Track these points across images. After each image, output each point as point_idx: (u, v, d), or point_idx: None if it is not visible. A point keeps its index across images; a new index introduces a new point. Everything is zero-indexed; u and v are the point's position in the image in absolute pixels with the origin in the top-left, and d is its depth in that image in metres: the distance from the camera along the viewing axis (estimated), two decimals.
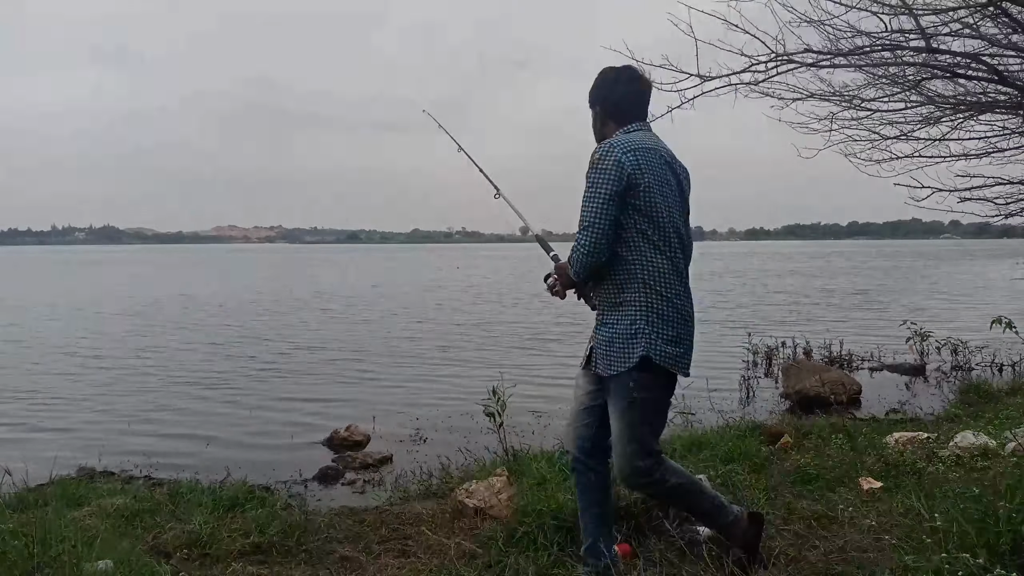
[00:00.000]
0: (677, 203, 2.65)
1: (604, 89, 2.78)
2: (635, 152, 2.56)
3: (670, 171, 2.64)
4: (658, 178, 2.58)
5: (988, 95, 5.77)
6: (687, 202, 2.74)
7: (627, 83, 2.76)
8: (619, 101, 2.74)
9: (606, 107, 2.77)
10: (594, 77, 2.81)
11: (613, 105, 2.76)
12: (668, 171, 2.64)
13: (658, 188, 2.57)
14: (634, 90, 2.76)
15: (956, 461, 4.08)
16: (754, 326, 12.84)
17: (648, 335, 2.55)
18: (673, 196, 2.63)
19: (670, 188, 2.62)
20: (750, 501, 3.65)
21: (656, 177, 2.57)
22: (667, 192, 2.61)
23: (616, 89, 2.75)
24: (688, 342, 2.66)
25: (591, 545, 2.79)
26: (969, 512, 2.54)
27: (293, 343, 13.01)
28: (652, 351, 2.54)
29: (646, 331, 2.55)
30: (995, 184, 6.61)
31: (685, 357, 2.65)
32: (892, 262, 51.43)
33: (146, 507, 4.00)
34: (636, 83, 2.76)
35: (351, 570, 3.21)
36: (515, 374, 8.89)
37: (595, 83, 2.80)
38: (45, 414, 7.77)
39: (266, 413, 7.70)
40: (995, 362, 9.33)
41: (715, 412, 6.92)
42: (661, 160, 2.62)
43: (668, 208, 2.60)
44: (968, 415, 5.82)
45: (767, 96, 5.41)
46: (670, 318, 2.58)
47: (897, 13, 4.46)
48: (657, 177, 2.58)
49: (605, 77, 2.79)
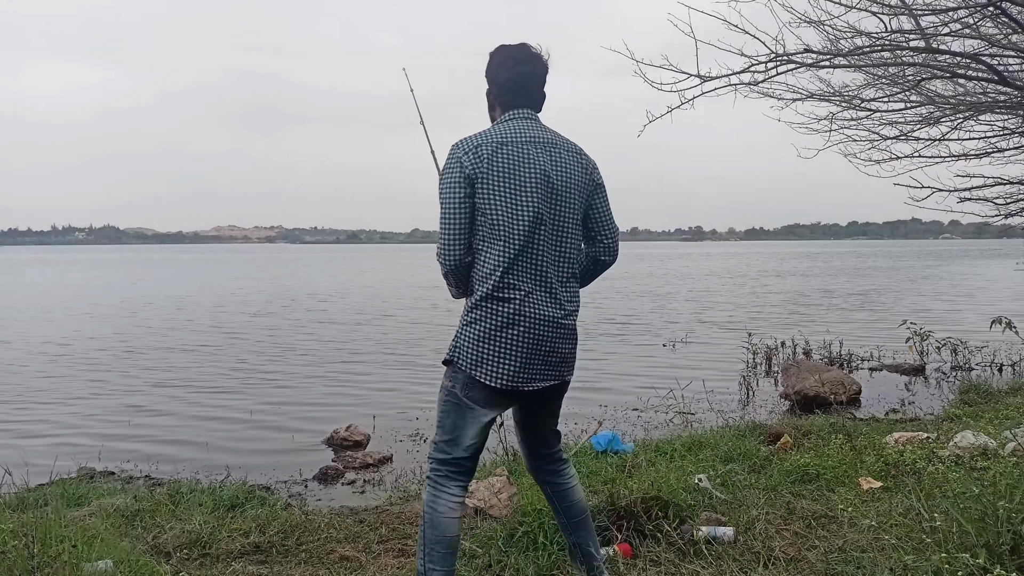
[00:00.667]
0: (543, 200, 2.37)
1: (491, 71, 2.55)
2: (482, 148, 2.37)
3: (535, 165, 2.38)
4: (509, 174, 2.35)
5: (988, 95, 5.77)
6: (576, 198, 2.45)
7: (513, 66, 2.51)
8: (503, 84, 2.52)
9: (492, 91, 2.56)
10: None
11: (498, 88, 2.54)
12: (530, 165, 2.38)
13: (506, 185, 2.34)
14: (521, 73, 2.50)
15: (956, 461, 4.08)
16: (754, 326, 12.85)
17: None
18: (533, 192, 2.36)
19: (528, 184, 2.36)
20: (750, 501, 3.66)
21: (505, 174, 2.35)
22: (522, 189, 2.35)
23: (501, 72, 2.52)
24: (527, 351, 2.38)
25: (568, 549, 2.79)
26: (969, 512, 2.54)
27: (293, 343, 13.01)
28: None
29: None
30: (995, 184, 6.63)
31: (524, 370, 2.39)
32: (892, 262, 51.45)
33: (146, 507, 4.00)
34: (524, 66, 2.50)
35: (351, 570, 3.21)
36: None
37: (487, 64, 2.58)
38: (45, 414, 7.77)
39: (266, 413, 7.70)
40: (995, 362, 9.34)
41: (715, 412, 6.93)
42: (524, 154, 2.38)
43: (520, 207, 2.34)
44: (968, 415, 5.82)
45: (767, 96, 5.42)
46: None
47: (897, 13, 4.47)
48: (507, 174, 2.35)
49: (492, 58, 2.56)
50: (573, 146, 2.52)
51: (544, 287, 2.39)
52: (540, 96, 2.57)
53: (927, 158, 6.57)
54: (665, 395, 7.25)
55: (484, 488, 3.87)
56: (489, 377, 2.36)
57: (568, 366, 2.51)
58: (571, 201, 2.44)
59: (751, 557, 2.97)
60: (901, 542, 2.77)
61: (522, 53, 2.52)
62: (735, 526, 3.27)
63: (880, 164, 6.46)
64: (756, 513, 3.42)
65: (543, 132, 2.49)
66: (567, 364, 2.50)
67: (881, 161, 6.47)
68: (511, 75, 2.51)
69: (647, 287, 27.70)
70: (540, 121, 2.53)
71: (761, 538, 3.13)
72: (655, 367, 10.09)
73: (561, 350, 2.44)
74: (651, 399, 7.66)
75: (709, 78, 4.53)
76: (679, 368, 9.65)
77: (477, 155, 2.37)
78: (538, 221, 2.37)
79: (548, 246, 2.39)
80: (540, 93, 2.56)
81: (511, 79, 2.51)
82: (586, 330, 14.29)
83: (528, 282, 2.37)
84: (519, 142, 2.41)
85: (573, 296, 2.50)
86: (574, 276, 2.51)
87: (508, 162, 2.37)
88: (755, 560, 2.93)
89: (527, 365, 2.37)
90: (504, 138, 2.41)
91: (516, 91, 2.51)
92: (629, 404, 7.61)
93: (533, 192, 2.37)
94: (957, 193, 6.39)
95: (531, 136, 2.44)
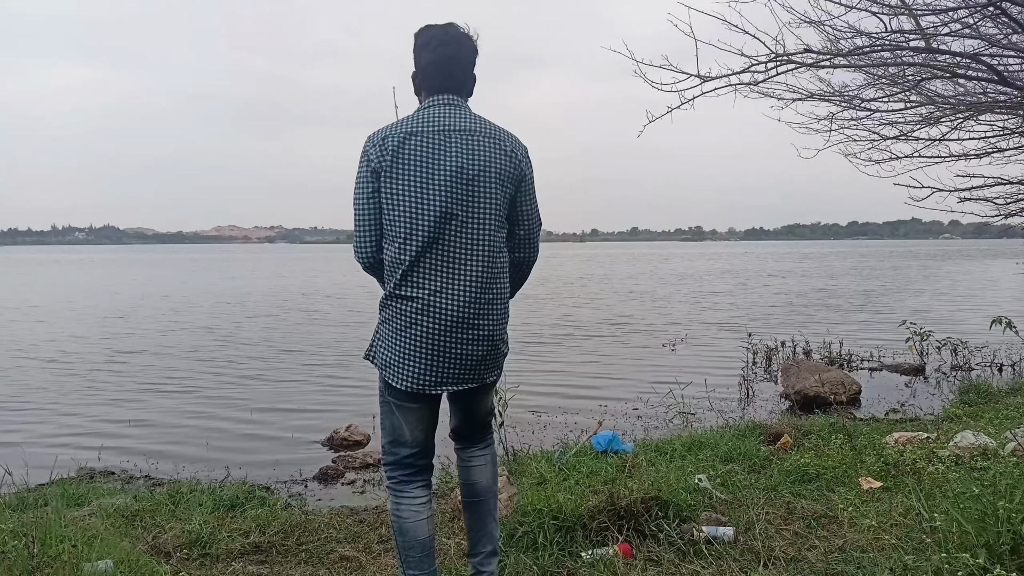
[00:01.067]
0: (453, 194, 2.23)
1: (414, 54, 2.40)
2: (388, 140, 2.25)
3: (447, 156, 2.24)
4: (415, 167, 2.23)
5: (988, 95, 5.77)
6: (496, 190, 2.28)
7: (436, 47, 2.34)
8: (426, 67, 2.36)
9: (416, 75, 2.41)
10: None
11: (421, 72, 2.38)
12: (441, 157, 2.24)
13: (410, 178, 2.22)
14: (444, 55, 2.34)
15: (956, 461, 4.08)
16: (754, 326, 12.86)
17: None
18: (442, 186, 2.22)
19: (436, 177, 2.22)
20: (750, 501, 3.66)
21: (411, 166, 2.23)
22: (429, 182, 2.22)
23: (424, 54, 2.36)
24: (431, 351, 2.27)
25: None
26: (969, 512, 2.54)
27: (293, 343, 13.00)
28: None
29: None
30: (995, 184, 6.63)
31: (430, 372, 2.30)
32: (892, 262, 51.45)
33: (146, 507, 4.00)
34: (447, 47, 2.34)
35: (351, 570, 3.22)
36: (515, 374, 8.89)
37: (413, 45, 2.43)
38: (45, 414, 7.77)
39: (266, 413, 7.70)
40: (995, 362, 9.34)
41: (715, 412, 6.94)
42: (434, 145, 2.25)
43: (425, 201, 2.22)
44: (968, 415, 5.82)
45: (767, 96, 5.42)
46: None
47: (897, 13, 4.47)
48: (413, 166, 2.23)
49: (416, 39, 2.40)
50: (499, 133, 2.34)
51: (455, 285, 2.23)
52: (467, 79, 2.40)
53: (927, 158, 6.57)
54: (665, 395, 7.25)
55: None
56: (395, 378, 2.28)
57: (487, 369, 2.35)
58: (489, 194, 2.27)
59: (751, 557, 2.97)
60: (901, 542, 2.77)
61: (446, 34, 2.36)
62: (735, 526, 3.27)
63: (880, 164, 6.46)
64: (756, 513, 3.42)
65: (462, 120, 2.31)
66: (485, 367, 2.34)
67: (881, 161, 6.47)
68: (434, 57, 2.34)
69: (647, 287, 27.71)
70: (464, 107, 2.36)
71: (761, 538, 3.13)
72: (655, 367, 10.09)
73: (476, 352, 2.28)
74: (651, 399, 7.67)
75: (709, 78, 4.53)
76: (679, 368, 9.65)
77: (383, 147, 2.25)
78: (447, 216, 2.22)
79: (461, 242, 2.24)
80: (467, 76, 2.39)
81: (434, 62, 2.34)
82: (586, 330, 14.30)
83: (436, 280, 2.22)
84: (431, 131, 2.26)
85: (496, 296, 2.31)
86: (498, 274, 2.32)
87: (416, 154, 2.23)
88: (755, 560, 2.93)
89: (433, 367, 2.25)
90: (416, 127, 2.27)
91: (439, 75, 2.34)
92: (629, 404, 7.61)
93: (441, 185, 2.22)
94: (957, 193, 6.39)
95: (446, 124, 2.28)
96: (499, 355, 2.39)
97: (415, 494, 2.40)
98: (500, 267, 2.33)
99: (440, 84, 2.35)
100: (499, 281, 2.33)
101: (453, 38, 2.36)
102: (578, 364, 10.53)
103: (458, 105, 2.35)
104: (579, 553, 3.02)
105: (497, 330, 2.34)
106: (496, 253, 2.31)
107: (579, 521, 3.20)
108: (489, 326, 2.30)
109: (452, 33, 2.37)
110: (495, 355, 2.36)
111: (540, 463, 4.38)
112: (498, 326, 2.34)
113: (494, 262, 2.30)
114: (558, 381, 9.07)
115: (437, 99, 2.34)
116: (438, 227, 2.22)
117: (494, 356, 2.36)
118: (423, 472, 2.45)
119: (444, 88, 2.35)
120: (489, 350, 2.32)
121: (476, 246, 2.26)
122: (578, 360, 10.86)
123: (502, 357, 2.42)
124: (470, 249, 2.26)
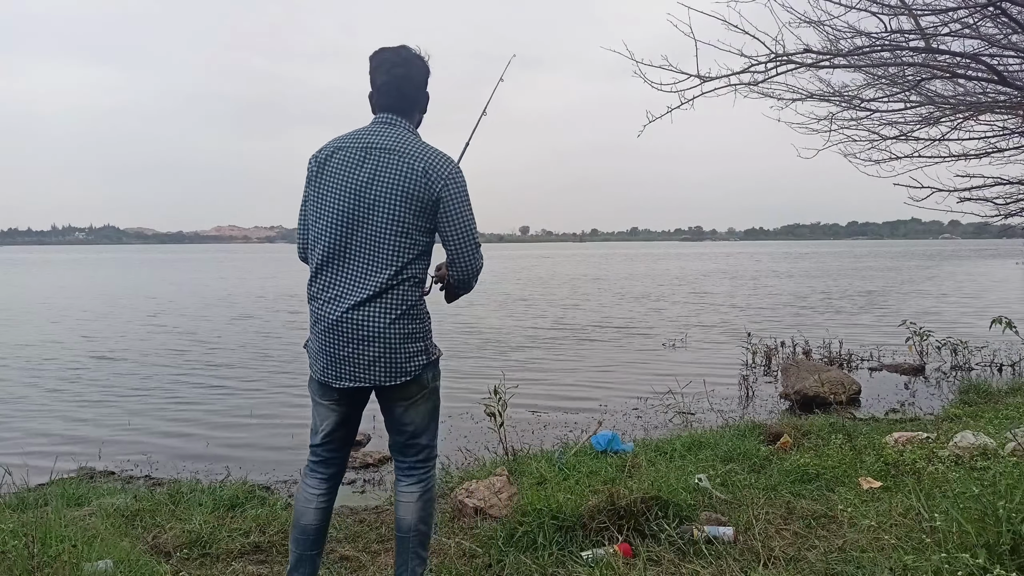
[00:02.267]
0: (352, 209, 2.35)
1: (370, 75, 2.53)
2: (320, 154, 2.45)
3: (357, 172, 2.37)
4: (328, 181, 2.40)
5: (988, 95, 5.78)
6: (396, 208, 2.35)
7: (388, 69, 2.49)
8: (380, 88, 2.50)
9: (371, 95, 2.54)
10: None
11: (376, 92, 2.52)
12: (351, 173, 2.38)
13: (321, 192, 2.41)
14: (396, 76, 2.48)
15: (956, 461, 4.08)
16: (754, 326, 12.86)
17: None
18: (344, 200, 2.36)
19: (342, 191, 2.37)
20: (750, 501, 3.66)
21: (326, 180, 2.41)
22: (334, 196, 2.38)
23: (377, 76, 2.50)
24: (327, 350, 2.41)
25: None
26: (969, 512, 2.54)
27: (293, 342, 13.00)
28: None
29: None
30: (994, 184, 6.64)
31: (329, 367, 2.42)
32: (892, 262, 51.45)
33: (146, 507, 4.00)
34: (398, 68, 2.48)
35: (351, 570, 3.22)
36: (515, 374, 8.89)
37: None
38: (45, 414, 7.77)
39: (266, 413, 7.70)
40: (995, 362, 9.34)
41: (715, 412, 6.94)
42: (350, 161, 2.39)
43: (328, 213, 2.38)
44: (968, 415, 5.82)
45: (767, 96, 5.43)
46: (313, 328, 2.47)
47: (897, 13, 4.47)
48: (328, 180, 2.40)
49: (371, 61, 2.53)
50: (417, 153, 2.39)
51: (352, 289, 2.37)
52: (418, 98, 2.55)
53: (927, 158, 6.58)
54: (665, 395, 7.26)
55: (484, 488, 3.87)
56: (312, 368, 2.50)
57: (380, 372, 2.40)
58: (387, 211, 2.35)
59: (751, 557, 2.97)
60: (901, 542, 2.77)
61: (398, 56, 2.50)
62: (735, 526, 3.27)
63: (880, 164, 6.47)
64: (756, 513, 3.42)
65: (386, 137, 2.42)
66: (378, 370, 2.39)
67: (881, 161, 6.48)
68: (387, 78, 2.49)
69: (647, 287, 27.71)
70: (399, 126, 2.47)
71: (761, 538, 3.13)
72: (655, 367, 10.09)
73: (366, 355, 2.37)
74: (651, 399, 7.67)
75: (709, 78, 4.54)
76: (679, 368, 9.65)
77: (317, 158, 2.47)
78: (348, 228, 2.37)
79: (361, 255, 2.36)
80: (418, 95, 2.55)
81: (387, 83, 2.49)
82: (586, 331, 14.30)
83: (333, 287, 2.40)
84: (353, 148, 2.42)
85: (392, 307, 2.37)
86: (397, 287, 2.37)
87: (335, 168, 2.41)
88: (755, 560, 2.93)
89: (331, 363, 2.41)
90: (345, 143, 2.44)
91: (388, 94, 2.49)
92: (629, 404, 7.61)
93: (347, 200, 2.37)
94: (957, 193, 6.40)
95: (370, 142, 2.41)
96: (399, 363, 2.41)
97: (311, 484, 2.59)
98: (400, 280, 2.38)
99: (390, 103, 2.50)
100: (396, 293, 2.38)
101: (405, 60, 2.50)
102: (578, 364, 10.53)
103: (393, 124, 2.48)
104: (579, 553, 3.02)
105: (392, 338, 2.38)
106: (397, 268, 2.37)
107: (579, 521, 3.20)
108: (383, 335, 2.37)
109: (404, 55, 2.51)
110: (392, 362, 2.40)
111: (540, 463, 4.38)
112: (394, 335, 2.38)
113: (394, 277, 2.37)
114: (558, 380, 9.08)
115: (378, 117, 2.50)
116: (339, 239, 2.38)
117: (391, 363, 2.40)
118: (325, 465, 2.59)
119: (392, 107, 2.50)
120: (380, 353, 2.38)
121: (374, 260, 2.37)
122: (578, 360, 10.86)
123: (407, 367, 2.42)
124: (368, 263, 2.37)
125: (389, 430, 2.61)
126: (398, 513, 2.60)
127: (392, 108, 2.49)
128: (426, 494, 2.60)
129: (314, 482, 2.58)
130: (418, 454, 2.59)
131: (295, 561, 2.58)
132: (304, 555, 2.58)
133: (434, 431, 2.62)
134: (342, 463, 2.65)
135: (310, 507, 2.57)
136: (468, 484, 3.97)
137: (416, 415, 2.54)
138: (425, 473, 2.60)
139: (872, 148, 6.51)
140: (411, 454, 2.59)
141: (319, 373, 2.46)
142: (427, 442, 2.60)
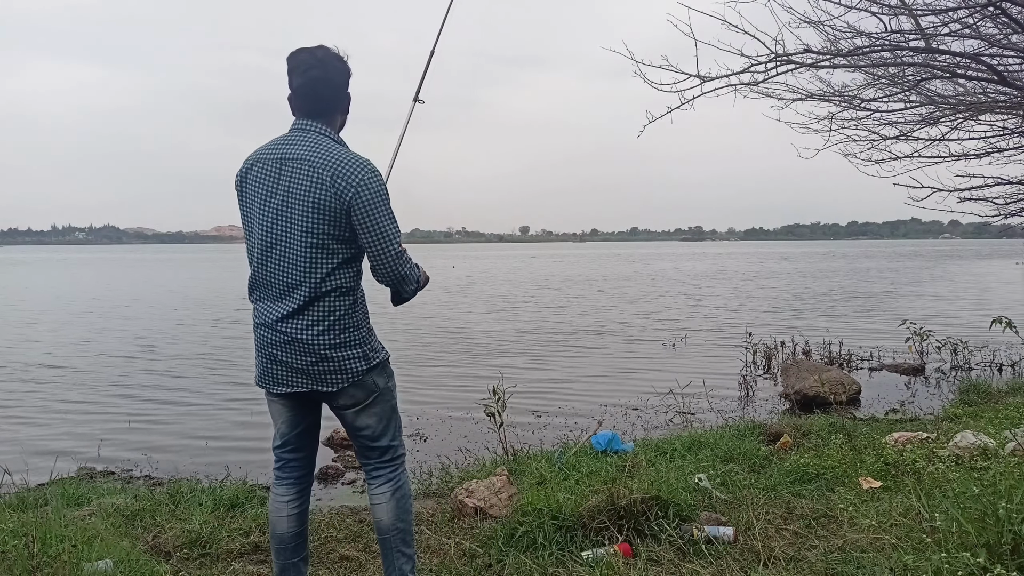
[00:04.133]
0: (272, 220, 2.34)
1: (288, 77, 2.42)
2: (243, 166, 2.43)
3: (274, 184, 2.34)
4: (251, 193, 2.39)
5: (988, 95, 5.78)
6: (308, 218, 2.30)
7: (304, 71, 2.37)
8: (297, 91, 2.40)
9: (289, 97, 2.43)
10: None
11: (293, 95, 2.42)
12: (268, 184, 2.35)
13: (245, 204, 2.42)
14: (312, 78, 2.37)
15: (956, 461, 4.08)
16: (754, 326, 12.86)
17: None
18: (264, 212, 2.35)
19: (263, 203, 2.35)
20: (750, 501, 3.66)
21: (250, 193, 2.40)
22: (256, 207, 2.37)
23: (293, 79, 2.40)
24: (260, 360, 2.45)
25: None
26: (969, 512, 2.55)
27: None
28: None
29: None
30: (994, 184, 6.64)
31: (264, 375, 2.45)
32: (892, 262, 51.45)
33: (146, 507, 4.00)
34: (314, 71, 2.37)
35: (351, 569, 3.22)
36: (515, 374, 8.89)
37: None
38: (45, 414, 7.77)
39: (267, 412, 7.69)
40: (995, 362, 9.34)
41: (714, 412, 6.94)
42: (268, 172, 2.36)
43: (252, 225, 2.39)
44: (968, 415, 5.82)
45: (767, 96, 5.43)
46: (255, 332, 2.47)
47: (897, 13, 4.48)
48: (251, 192, 2.39)
49: (287, 63, 2.41)
50: (326, 162, 2.30)
51: (278, 303, 2.36)
52: (337, 99, 2.45)
53: (927, 158, 6.58)
54: (665, 395, 7.26)
55: (484, 488, 3.87)
56: (255, 373, 2.52)
57: (316, 379, 2.38)
58: (301, 224, 2.30)
59: (751, 557, 2.97)
60: (901, 542, 2.77)
61: (314, 57, 2.38)
62: (735, 526, 3.27)
63: (880, 164, 6.47)
64: (756, 513, 3.42)
65: (300, 146, 2.35)
66: (316, 377, 2.37)
67: (881, 161, 6.48)
68: (303, 81, 2.38)
69: (646, 287, 27.71)
70: (312, 133, 2.39)
71: (761, 538, 3.13)
72: (655, 367, 10.09)
73: (299, 362, 2.36)
74: (651, 399, 7.67)
75: (709, 78, 4.54)
76: (679, 368, 9.65)
77: (240, 171, 2.45)
78: (268, 243, 2.36)
79: (279, 269, 2.35)
80: (337, 97, 2.44)
81: (302, 85, 2.38)
82: (586, 331, 14.30)
83: (265, 298, 2.41)
84: (270, 159, 2.37)
85: (320, 318, 2.34)
86: (323, 298, 2.34)
87: (254, 182, 2.39)
88: (755, 560, 2.93)
89: (267, 369, 2.44)
90: (261, 155, 2.40)
91: (304, 97, 2.39)
92: (629, 404, 7.61)
93: (267, 215, 2.35)
94: (957, 193, 6.40)
95: (284, 152, 2.35)
96: (331, 371, 2.38)
97: (279, 491, 2.59)
98: (324, 292, 2.34)
99: (308, 107, 2.41)
100: (322, 305, 2.35)
101: (321, 61, 2.38)
102: (577, 364, 10.53)
103: (307, 131, 2.39)
104: (579, 553, 3.02)
105: (323, 346, 2.35)
106: (318, 280, 2.33)
107: (579, 521, 3.20)
108: (311, 345, 2.34)
109: (320, 56, 2.39)
110: (324, 370, 2.37)
111: (540, 463, 4.38)
112: (323, 344, 2.35)
113: (315, 288, 2.33)
114: (558, 380, 9.08)
115: (295, 123, 2.43)
116: (265, 249, 2.38)
117: (324, 371, 2.37)
118: (287, 468, 2.59)
119: (310, 111, 2.41)
120: (316, 361, 2.36)
121: (294, 274, 2.34)
122: (577, 360, 10.86)
123: (343, 372, 2.39)
124: (289, 277, 2.35)
125: (348, 436, 2.61)
126: (375, 516, 2.58)
127: (309, 112, 2.40)
128: (398, 491, 2.57)
129: (281, 489, 2.58)
130: (381, 456, 2.56)
131: (279, 572, 2.57)
132: (287, 564, 2.56)
133: (394, 432, 2.58)
134: (307, 467, 2.62)
135: (281, 515, 2.57)
136: (468, 484, 3.97)
137: (369, 419, 2.50)
138: (393, 472, 2.58)
139: (872, 148, 6.51)
140: (374, 457, 2.56)
141: (256, 379, 2.50)
142: (388, 443, 2.56)
